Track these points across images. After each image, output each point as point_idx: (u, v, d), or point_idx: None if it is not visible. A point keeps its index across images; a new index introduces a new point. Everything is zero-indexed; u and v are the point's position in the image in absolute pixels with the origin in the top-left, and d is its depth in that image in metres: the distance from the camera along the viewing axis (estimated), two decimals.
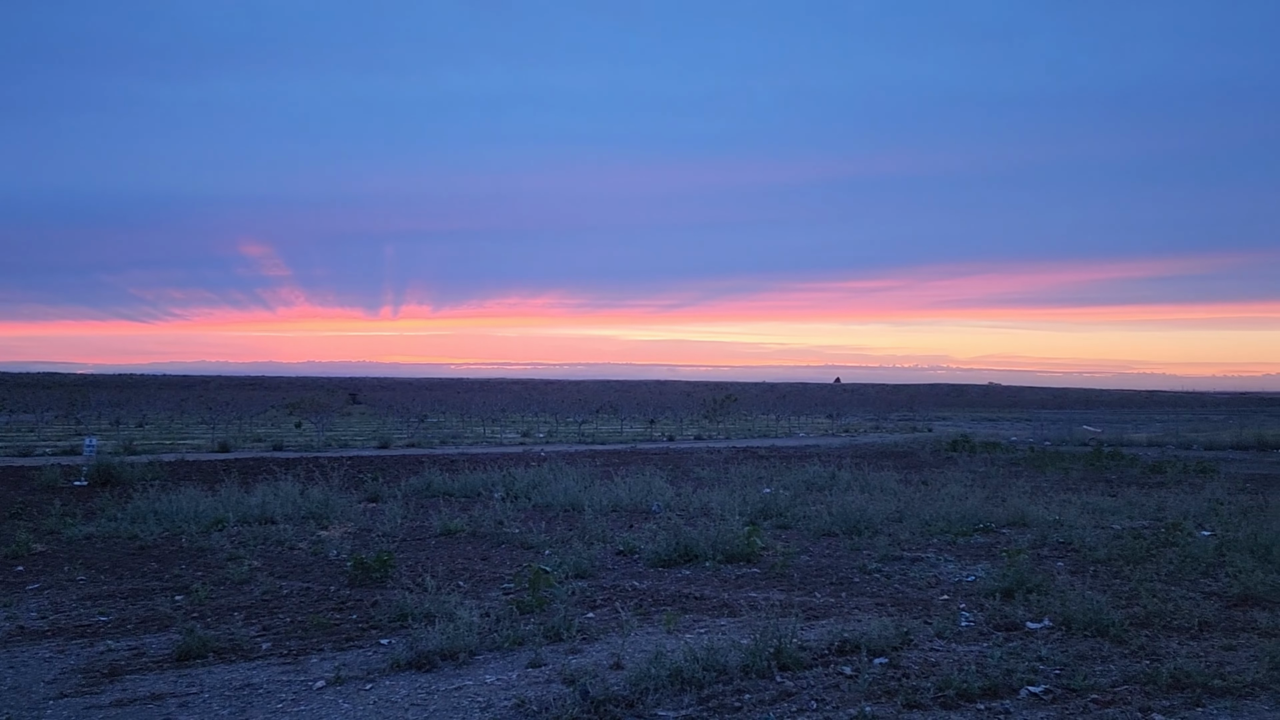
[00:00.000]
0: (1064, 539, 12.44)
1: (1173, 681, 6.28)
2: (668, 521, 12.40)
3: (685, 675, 6.29)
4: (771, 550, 11.54)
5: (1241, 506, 15.54)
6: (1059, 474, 22.88)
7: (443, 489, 17.84)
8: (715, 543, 11.13)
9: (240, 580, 9.79)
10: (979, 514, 14.16)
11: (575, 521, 13.70)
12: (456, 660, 6.95)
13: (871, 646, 7.01)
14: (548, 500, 16.19)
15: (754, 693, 6.14)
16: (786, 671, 6.55)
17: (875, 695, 6.08)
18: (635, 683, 6.19)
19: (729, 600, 9.01)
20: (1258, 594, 9.06)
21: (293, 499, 14.71)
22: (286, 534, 12.61)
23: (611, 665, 6.77)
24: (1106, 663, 6.84)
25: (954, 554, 11.60)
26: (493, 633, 7.54)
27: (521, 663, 6.92)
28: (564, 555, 10.71)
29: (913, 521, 13.58)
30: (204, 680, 6.60)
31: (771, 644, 6.77)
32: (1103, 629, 7.56)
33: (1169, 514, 14.55)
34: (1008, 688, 6.22)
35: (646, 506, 15.64)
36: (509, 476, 18.54)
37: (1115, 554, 11.20)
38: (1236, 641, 7.43)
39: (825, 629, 7.71)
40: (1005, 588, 9.03)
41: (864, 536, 12.56)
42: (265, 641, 7.58)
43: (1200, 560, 10.65)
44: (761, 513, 14.66)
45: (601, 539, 12.19)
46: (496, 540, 12.53)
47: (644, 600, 9.00)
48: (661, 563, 10.83)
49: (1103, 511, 15.07)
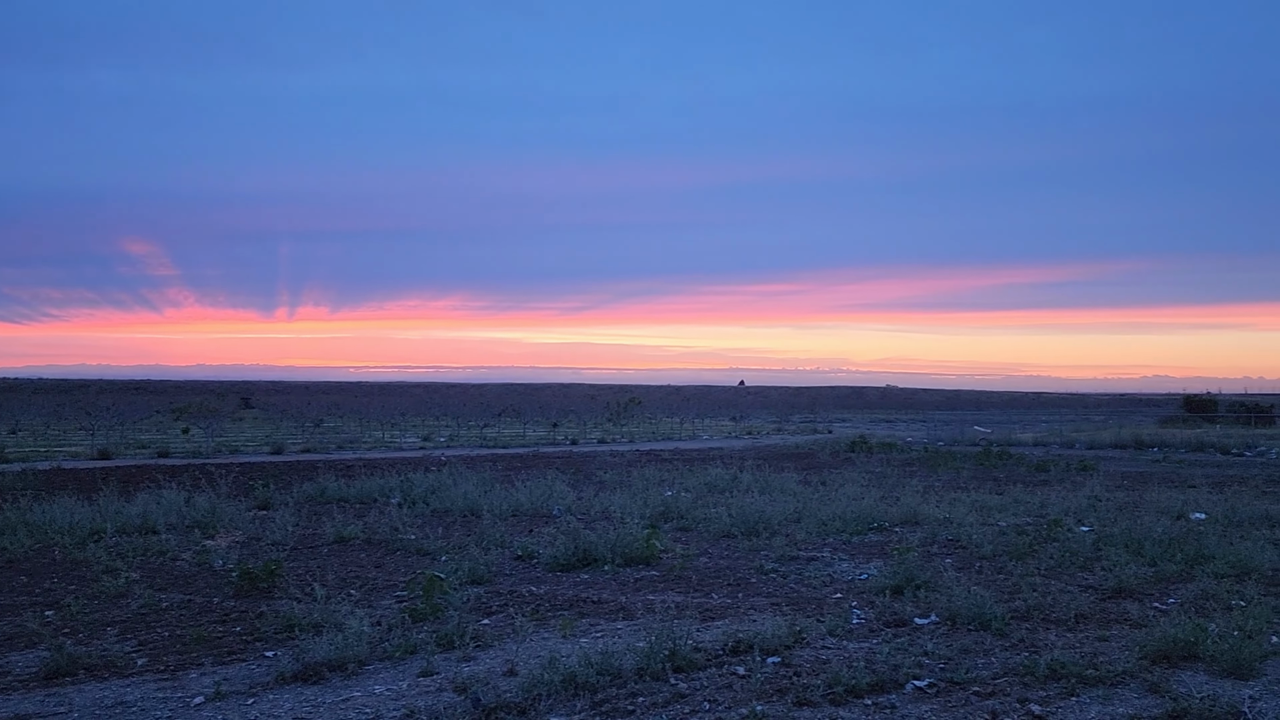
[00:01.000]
0: (953, 536, 12.82)
1: (1049, 672, 6.51)
2: (568, 525, 12.33)
3: (579, 680, 6.24)
4: (671, 553, 11.58)
5: (1118, 503, 16.29)
6: (950, 473, 23.63)
7: (338, 495, 17.40)
8: (615, 546, 11.11)
9: (116, 593, 9.35)
10: (874, 513, 14.49)
11: (473, 526, 13.52)
12: (345, 671, 6.75)
13: (765, 646, 7.08)
14: (446, 505, 15.95)
15: (648, 695, 6.14)
16: (681, 673, 6.56)
17: (767, 694, 6.14)
18: (528, 689, 6.12)
19: (626, 603, 9.00)
20: (1130, 586, 9.49)
21: (177, 507, 14.16)
22: (169, 544, 12.11)
23: (505, 672, 6.68)
24: (989, 655, 7.06)
25: (848, 553, 11.83)
26: (384, 642, 7.37)
27: (413, 672, 6.78)
28: (460, 561, 10.55)
29: (810, 522, 13.81)
30: (73, 699, 6.27)
31: (666, 646, 6.78)
32: (986, 623, 7.80)
33: (1051, 511, 15.14)
34: (894, 682, 6.35)
35: (547, 510, 15.55)
36: (407, 482, 18.20)
37: (1000, 550, 11.58)
38: (1110, 632, 7.75)
39: (721, 630, 7.76)
40: (895, 585, 9.24)
41: (762, 537, 12.71)
42: (141, 657, 7.24)
43: (1079, 555, 11.10)
44: (662, 515, 14.72)
45: (500, 544, 12.06)
46: (392, 547, 12.27)
47: (541, 605, 8.92)
48: (560, 567, 10.76)
49: (990, 509, 15.59)
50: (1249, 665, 6.58)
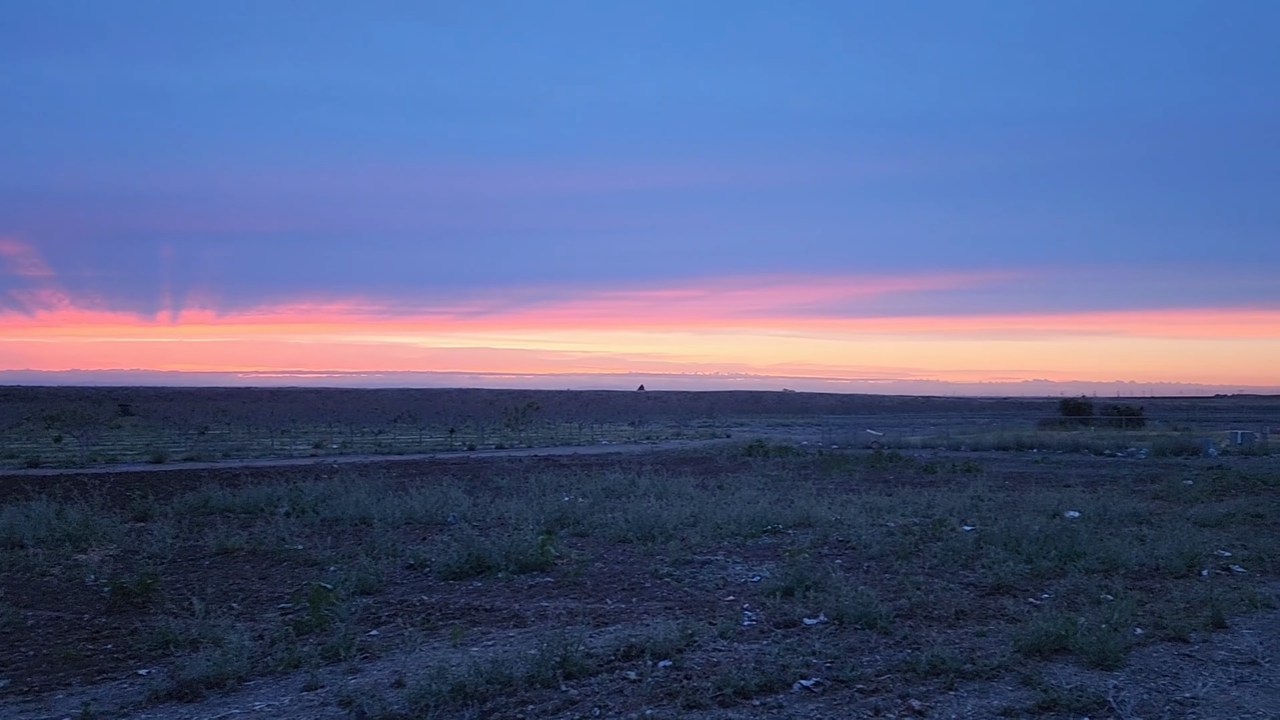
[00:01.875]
0: (843, 537, 13.12)
1: (930, 668, 6.72)
2: (462, 532, 12.17)
3: (469, 689, 6.16)
4: (566, 559, 11.54)
5: (999, 502, 16.93)
6: (843, 476, 24.20)
7: (222, 505, 16.81)
8: (509, 553, 11.01)
9: None
10: (768, 516, 14.72)
11: (365, 535, 13.23)
12: (224, 688, 6.51)
13: (656, 650, 7.12)
14: (337, 514, 15.57)
15: (538, 703, 6.09)
16: (572, 680, 6.54)
17: (657, 698, 6.17)
18: (416, 700, 6.01)
19: (519, 611, 8.92)
20: (1008, 583, 9.86)
21: (46, 520, 13.46)
22: (37, 559, 11.51)
23: (393, 683, 6.55)
24: (874, 653, 7.24)
25: (742, 556, 11.98)
26: (266, 656, 7.14)
27: (296, 686, 6.58)
28: (349, 571, 10.29)
29: (706, 525, 13.94)
30: None
31: (558, 653, 6.74)
32: (872, 622, 8.00)
33: (937, 511, 15.64)
34: (782, 683, 6.46)
35: (442, 518, 15.32)
36: (296, 490, 17.70)
37: (888, 550, 11.90)
38: (988, 628, 8.04)
39: (613, 635, 7.76)
40: (786, 586, 9.40)
41: (658, 542, 12.77)
42: (3, 678, 6.84)
43: (961, 553, 11.49)
44: (558, 521, 14.66)
45: (391, 553, 11.81)
46: (278, 558, 11.90)
47: (432, 614, 8.78)
48: (453, 575, 10.61)
49: (879, 510, 16.02)
50: (1114, 656, 6.91)
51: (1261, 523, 14.83)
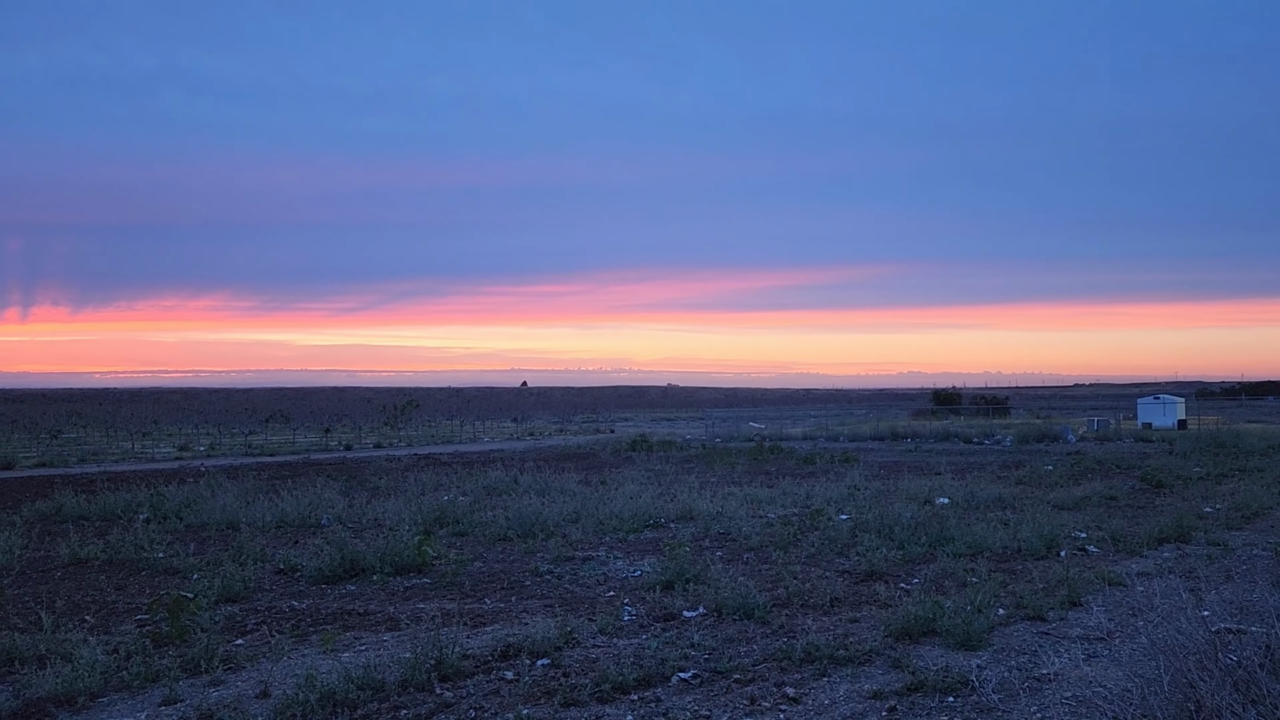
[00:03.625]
0: (724, 530, 13.27)
1: (805, 656, 6.83)
2: (335, 535, 11.79)
3: (339, 697, 5.94)
4: (444, 559, 11.30)
5: (875, 491, 17.43)
6: (726, 468, 24.53)
7: (76, 513, 15.88)
8: (384, 555, 10.72)
9: None
10: (650, 510, 14.78)
11: (232, 541, 12.68)
12: (74, 706, 6.12)
13: (534, 649, 7.03)
14: (203, 520, 14.90)
15: (411, 708, 5.92)
16: (447, 682, 6.39)
17: (535, 697, 6.08)
18: (282, 710, 5.76)
19: (395, 614, 8.69)
20: (881, 569, 10.14)
21: None
22: None
23: (258, 694, 6.27)
24: (751, 643, 7.32)
25: (624, 551, 11.98)
26: (121, 670, 6.74)
27: (154, 701, 6.23)
28: (214, 578, 9.83)
29: (588, 521, 13.90)
30: None
31: (432, 656, 6.59)
32: (749, 612, 8.09)
33: (815, 501, 15.99)
34: (660, 676, 6.46)
35: (315, 520, 14.83)
36: (158, 495, 16.86)
37: (767, 541, 12.09)
38: (860, 614, 8.23)
39: (491, 635, 7.63)
40: (667, 580, 9.44)
41: (539, 539, 12.66)
42: None
43: (837, 542, 11.77)
44: (437, 521, 14.38)
45: (260, 558, 11.36)
46: (137, 567, 11.30)
47: (302, 620, 8.46)
48: (326, 579, 10.27)
49: (760, 502, 16.28)
50: (978, 637, 7.17)
51: (1115, 505, 15.70)
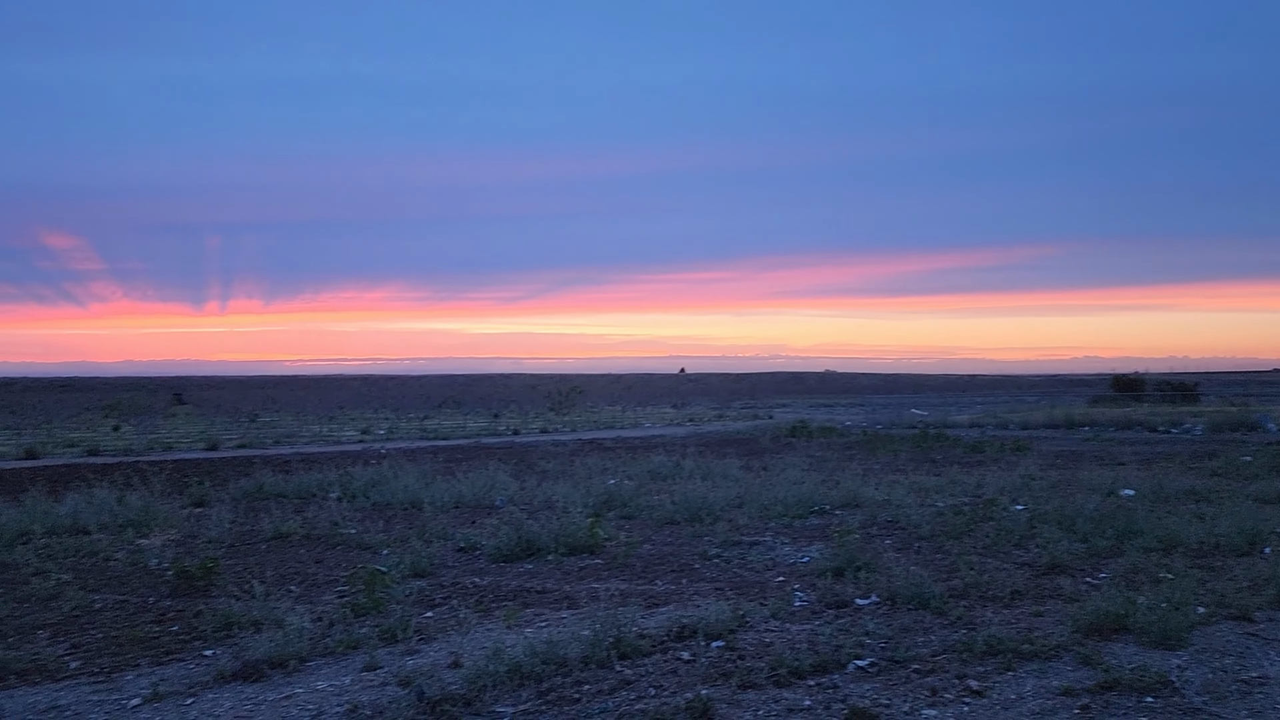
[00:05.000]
0: (892, 518, 13.04)
1: (987, 648, 6.66)
2: (510, 516, 12.27)
3: (524, 670, 6.23)
4: (614, 541, 11.60)
5: (1051, 481, 16.71)
6: (889, 456, 24.02)
7: (275, 491, 17.11)
8: (558, 535, 11.09)
9: (47, 596, 9.08)
10: (815, 497, 14.67)
11: (415, 519, 13.40)
12: (286, 668, 6.65)
13: (709, 630, 7.14)
14: (387, 499, 15.77)
15: (593, 683, 6.15)
16: (626, 660, 6.58)
17: (712, 678, 6.19)
18: (473, 680, 6.09)
19: (571, 592, 9.00)
20: (1063, 562, 9.74)
21: (109, 507, 13.78)
22: (101, 544, 11.80)
23: (450, 664, 6.64)
24: (928, 634, 7.20)
25: (790, 536, 11.97)
26: (325, 638, 7.27)
27: (356, 667, 6.70)
28: (402, 554, 10.44)
29: (753, 507, 13.93)
30: (4, 705, 6.07)
31: (611, 634, 6.79)
32: (925, 602, 7.95)
33: (987, 490, 15.47)
34: (836, 663, 6.45)
35: (490, 502, 15.46)
36: (346, 476, 17.95)
37: (938, 530, 11.81)
38: (1044, 608, 7.95)
39: (665, 616, 7.80)
40: (837, 567, 9.38)
41: (705, 523, 12.79)
42: (74, 660, 7.05)
43: (1013, 533, 11.36)
44: (605, 504, 14.72)
45: (442, 536, 11.96)
46: (332, 542, 12.11)
47: (485, 596, 8.88)
48: (503, 558, 10.72)
49: (928, 490, 15.89)
50: (1177, 635, 6.81)
51: None
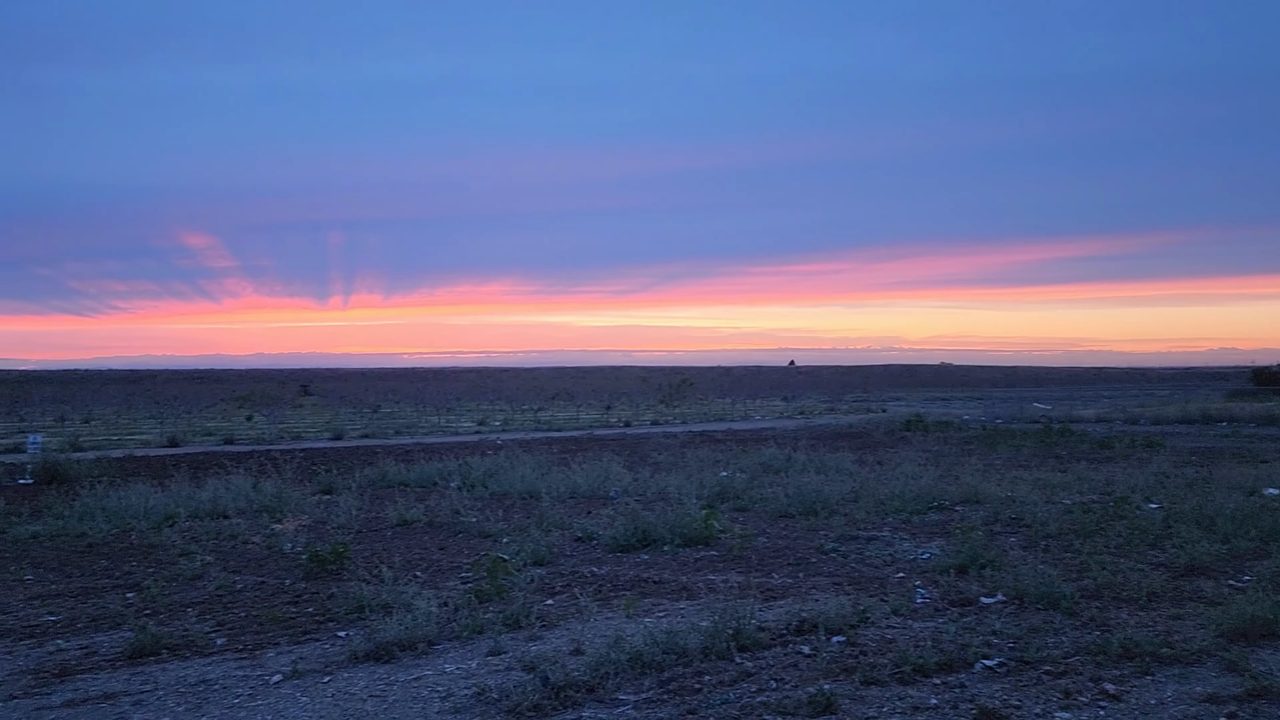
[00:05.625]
0: (1016, 515, 12.65)
1: (1123, 651, 6.41)
2: (625, 507, 12.39)
3: (645, 659, 6.30)
4: (729, 533, 11.59)
5: (1187, 479, 15.93)
6: (1010, 451, 23.28)
7: (398, 480, 17.68)
8: (673, 527, 11.15)
9: (193, 576, 9.62)
10: (933, 492, 14.36)
11: (532, 509, 13.66)
12: (415, 650, 6.89)
13: (829, 625, 7.07)
14: (504, 488, 16.12)
15: (714, 674, 6.17)
16: (746, 652, 6.58)
17: (833, 673, 6.14)
18: (595, 667, 6.18)
19: (688, 583, 9.04)
20: (1203, 564, 9.28)
21: (245, 493, 14.50)
22: (239, 528, 12.43)
23: (572, 651, 6.76)
24: (1059, 635, 6.97)
25: (909, 532, 11.74)
26: (451, 622, 7.49)
27: (481, 651, 6.89)
28: (522, 543, 10.67)
29: (868, 501, 13.73)
30: (158, 678, 6.48)
31: (730, 625, 6.80)
32: (1055, 602, 7.70)
33: (1117, 488, 14.86)
34: (963, 662, 6.31)
35: (604, 492, 15.64)
36: (465, 466, 18.43)
37: (1066, 528, 11.41)
38: (1184, 611, 7.60)
39: (783, 609, 7.76)
40: (959, 564, 9.16)
41: (820, 517, 12.66)
42: (220, 637, 7.45)
43: (1148, 532, 10.88)
44: (718, 496, 14.73)
45: (559, 526, 12.17)
46: (453, 530, 12.45)
47: (603, 586, 9.00)
48: (620, 548, 10.84)
49: (1053, 487, 15.35)
50: None
51: None
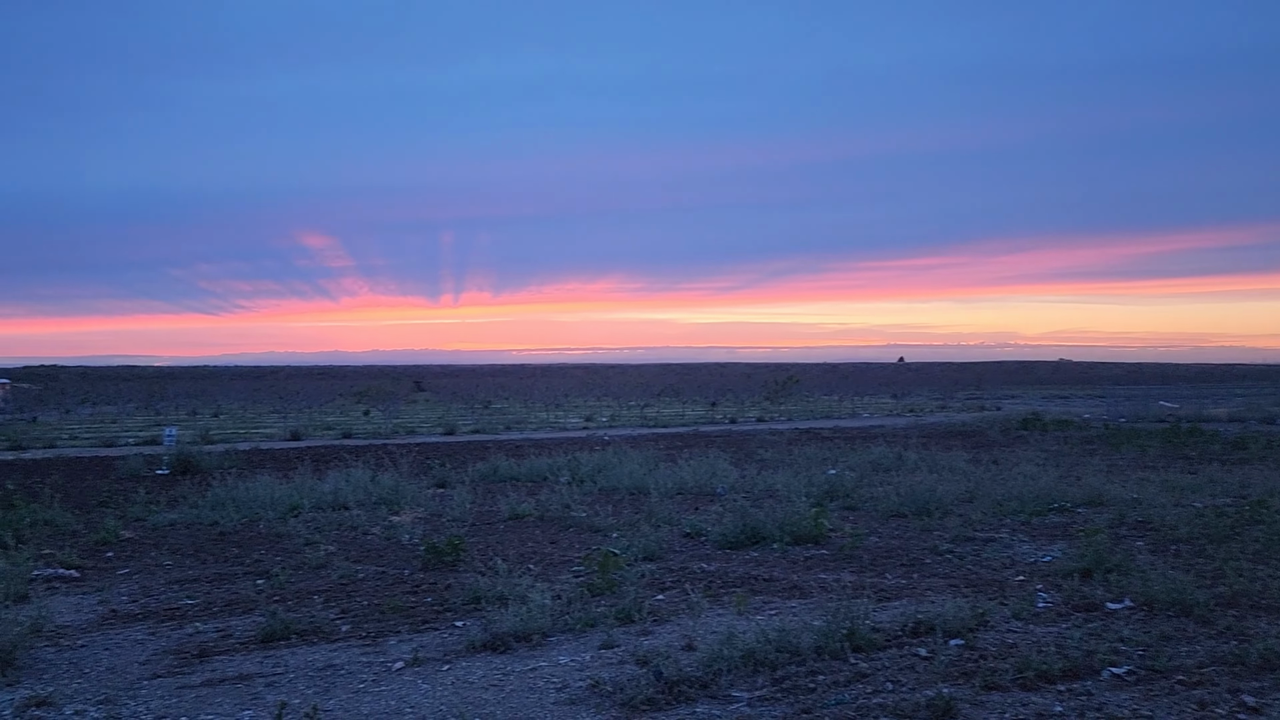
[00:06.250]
0: (1143, 518, 12.14)
1: (1263, 662, 6.10)
2: (733, 504, 12.37)
3: (758, 656, 6.28)
4: (840, 532, 11.45)
5: None
6: (1135, 451, 22.31)
7: (509, 474, 18.03)
8: (782, 524, 11.08)
9: (317, 564, 10.02)
10: (1053, 493, 13.89)
11: (641, 504, 13.75)
12: (530, 642, 7.03)
13: (946, 628, 6.92)
14: (613, 484, 16.26)
15: (828, 674, 6.11)
16: (860, 653, 6.50)
17: (952, 676, 6.01)
18: (708, 664, 6.20)
19: (799, 582, 8.97)
20: None
21: (364, 485, 15.01)
22: (359, 519, 12.87)
23: (684, 646, 6.80)
24: (1192, 643, 6.66)
25: (1028, 534, 11.39)
26: (564, 615, 7.61)
27: (594, 644, 6.98)
28: (631, 538, 10.76)
29: (984, 501, 13.37)
30: (288, 661, 6.78)
31: (844, 625, 6.73)
32: (1187, 609, 7.37)
33: (1253, 491, 14.09)
34: (1089, 669, 6.09)
35: (711, 489, 15.63)
36: (574, 461, 18.66)
37: (1198, 532, 10.89)
38: None
39: (898, 610, 7.63)
40: (1083, 568, 8.84)
41: (934, 517, 12.39)
42: (344, 624, 7.75)
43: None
44: (827, 494, 14.55)
45: (668, 521, 12.22)
46: (564, 524, 12.64)
47: (713, 582, 9.01)
48: (729, 545, 10.82)
49: (1183, 489, 14.67)
50: None
51: None
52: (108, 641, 7.37)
